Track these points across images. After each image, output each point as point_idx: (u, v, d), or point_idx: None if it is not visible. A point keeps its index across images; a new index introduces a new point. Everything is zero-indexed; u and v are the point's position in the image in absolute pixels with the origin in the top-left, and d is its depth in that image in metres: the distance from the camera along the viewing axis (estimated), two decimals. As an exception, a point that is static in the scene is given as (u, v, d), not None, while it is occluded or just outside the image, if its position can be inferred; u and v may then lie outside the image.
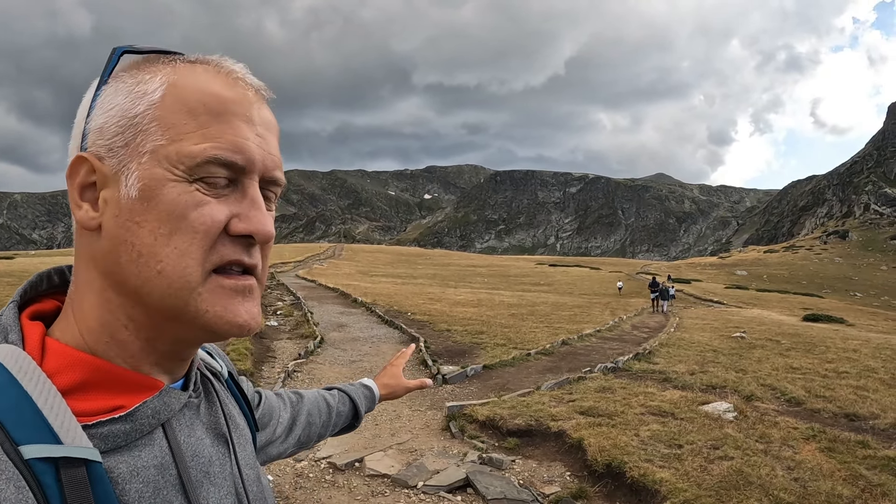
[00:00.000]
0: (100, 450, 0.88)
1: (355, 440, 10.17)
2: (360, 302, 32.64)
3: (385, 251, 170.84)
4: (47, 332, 0.97)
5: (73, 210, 0.97)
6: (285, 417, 1.76)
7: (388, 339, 21.20)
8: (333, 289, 41.68)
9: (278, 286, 42.69)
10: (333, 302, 33.47)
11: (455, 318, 26.76)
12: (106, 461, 0.88)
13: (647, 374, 15.58)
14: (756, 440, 10.20)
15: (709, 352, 20.37)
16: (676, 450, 9.34)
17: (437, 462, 9.20)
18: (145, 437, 0.96)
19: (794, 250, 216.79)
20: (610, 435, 9.76)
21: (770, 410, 12.67)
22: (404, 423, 11.49)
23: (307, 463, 9.16)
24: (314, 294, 37.77)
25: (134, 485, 0.91)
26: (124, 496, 0.89)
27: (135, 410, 0.94)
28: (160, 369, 1.01)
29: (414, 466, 9.01)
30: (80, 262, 1.00)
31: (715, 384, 14.66)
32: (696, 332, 26.89)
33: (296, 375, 15.16)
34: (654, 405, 12.00)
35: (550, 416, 10.99)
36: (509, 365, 16.84)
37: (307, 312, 26.24)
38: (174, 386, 1.05)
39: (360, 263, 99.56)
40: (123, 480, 0.90)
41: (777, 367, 17.91)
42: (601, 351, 20.25)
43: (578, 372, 15.57)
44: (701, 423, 10.84)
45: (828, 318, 47.47)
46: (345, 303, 33.44)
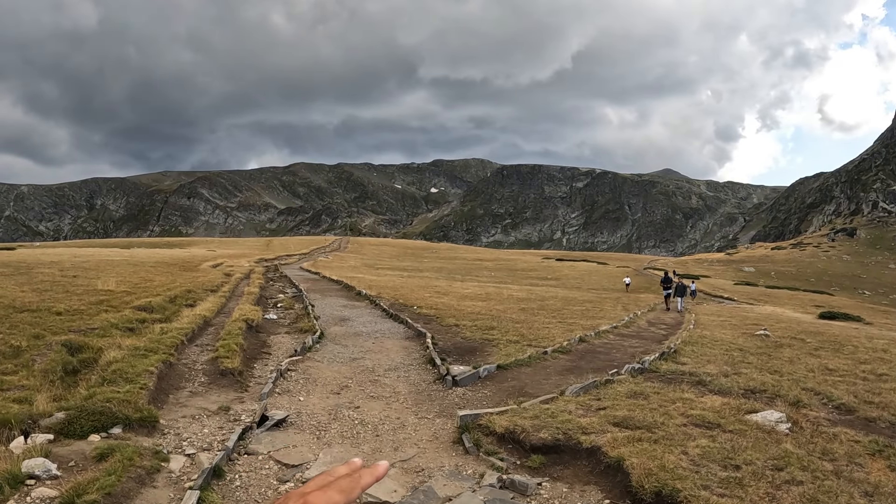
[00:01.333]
0: None
1: (351, 456, 8.81)
2: (365, 295, 31.59)
3: (391, 244, 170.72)
4: None
5: None
6: None
7: (393, 335, 19.94)
8: (337, 281, 40.78)
9: (280, 278, 41.75)
10: (337, 295, 32.53)
11: (463, 313, 25.52)
12: None
13: (679, 376, 14.21)
14: (819, 457, 8.82)
15: (735, 351, 19.17)
16: (734, 472, 7.93)
17: (448, 486, 7.79)
18: None
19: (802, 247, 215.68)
20: (654, 453, 8.32)
21: (822, 419, 11.34)
22: (409, 434, 10.11)
23: (293, 485, 7.81)
24: (317, 287, 36.91)
25: None
26: None
27: None
28: None
29: (421, 492, 7.62)
30: None
31: (754, 388, 13.36)
32: (717, 330, 25.72)
33: (289, 375, 13.87)
34: (695, 414, 10.58)
35: (580, 428, 9.53)
36: (525, 364, 15.46)
37: (308, 305, 25.16)
38: None
39: (365, 256, 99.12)
40: None
41: (812, 369, 16.76)
42: (621, 349, 18.96)
43: (604, 373, 14.18)
44: (755, 437, 9.44)
45: (845, 317, 46.35)
46: (348, 296, 32.46)
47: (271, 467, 8.54)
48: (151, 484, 7.54)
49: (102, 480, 6.99)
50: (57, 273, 32.70)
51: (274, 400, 11.85)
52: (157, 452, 8.35)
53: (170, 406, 11.07)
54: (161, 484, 7.61)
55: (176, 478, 7.82)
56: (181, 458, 8.40)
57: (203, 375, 13.19)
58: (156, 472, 7.82)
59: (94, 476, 7.11)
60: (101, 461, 7.62)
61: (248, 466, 8.53)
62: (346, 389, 13.02)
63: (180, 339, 15.51)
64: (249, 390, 12.53)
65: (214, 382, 12.72)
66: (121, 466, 7.45)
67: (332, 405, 11.76)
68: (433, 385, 13.49)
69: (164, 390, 11.74)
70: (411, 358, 16.38)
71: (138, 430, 9.28)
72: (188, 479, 7.74)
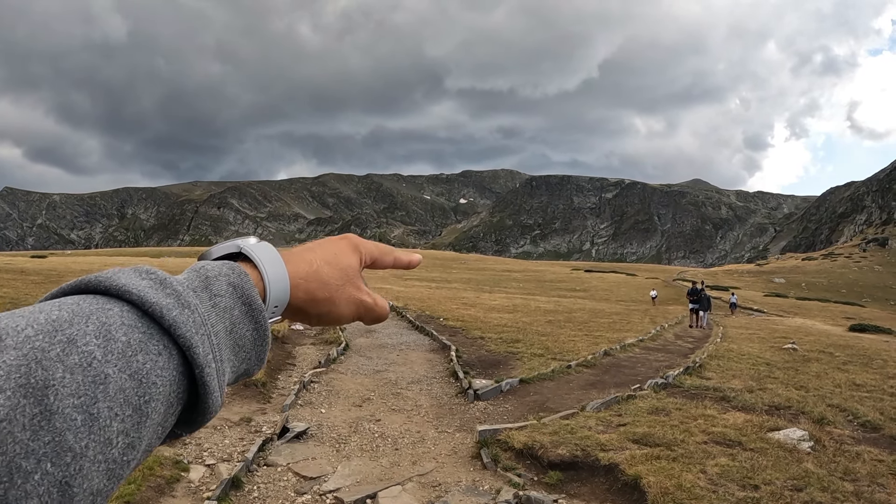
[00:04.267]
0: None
1: (370, 469, 8.82)
2: (392, 306, 31.48)
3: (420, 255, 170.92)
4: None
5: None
6: None
7: (418, 347, 19.92)
8: (364, 292, 40.74)
9: (307, 288, 41.85)
10: (363, 306, 32.44)
11: (489, 325, 25.47)
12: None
13: (703, 392, 14.05)
14: (841, 477, 8.69)
15: (762, 365, 18.93)
16: (752, 492, 7.84)
17: (464, 501, 7.78)
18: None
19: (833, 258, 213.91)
20: (672, 471, 8.25)
21: (846, 437, 11.17)
22: (429, 448, 10.09)
23: (310, 497, 7.82)
24: (343, 297, 36.88)
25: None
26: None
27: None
28: None
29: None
30: None
31: (778, 404, 13.17)
32: (744, 343, 25.46)
33: (312, 387, 13.88)
34: (717, 431, 10.48)
35: (599, 444, 9.48)
36: (548, 378, 15.38)
37: (333, 316, 25.14)
38: None
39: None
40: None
41: (839, 384, 16.51)
42: (646, 363, 18.80)
43: (626, 388, 14.06)
44: (776, 456, 9.32)
45: (875, 329, 45.71)
46: (375, 307, 32.32)
47: (289, 479, 8.57)
48: (170, 493, 7.60)
49: (122, 489, 7.06)
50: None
51: (296, 412, 11.89)
52: (178, 462, 8.42)
53: (192, 417, 11.14)
54: (180, 494, 7.67)
55: (195, 488, 7.87)
56: (201, 469, 8.45)
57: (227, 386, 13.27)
58: (175, 482, 7.88)
59: (114, 485, 7.18)
60: (120, 470, 7.69)
61: (267, 478, 8.56)
62: (368, 402, 13.04)
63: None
64: (272, 401, 12.59)
65: (237, 393, 12.78)
66: (140, 475, 7.52)
67: (353, 417, 11.78)
68: (455, 399, 13.48)
69: (187, 401, 11.82)
70: (435, 371, 16.38)
71: (159, 439, 9.37)
72: (207, 490, 7.78)
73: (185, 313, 0.81)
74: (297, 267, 1.05)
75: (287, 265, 1.03)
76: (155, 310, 0.79)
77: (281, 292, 1.01)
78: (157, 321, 0.79)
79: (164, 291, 0.81)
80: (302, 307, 1.06)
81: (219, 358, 0.85)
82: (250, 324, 0.92)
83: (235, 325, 0.90)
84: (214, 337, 0.85)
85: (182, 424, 0.86)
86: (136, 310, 0.79)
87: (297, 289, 1.04)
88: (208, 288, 0.89)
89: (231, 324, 0.90)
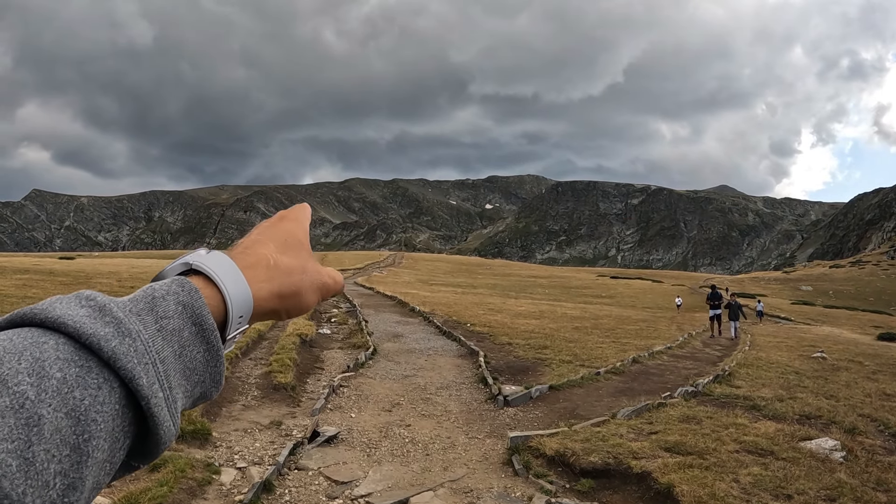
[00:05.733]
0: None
1: (401, 474, 8.84)
2: (418, 311, 31.60)
3: (445, 260, 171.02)
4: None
5: None
6: None
7: (446, 352, 19.92)
8: (391, 297, 40.86)
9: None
10: (390, 310, 32.56)
11: (517, 331, 25.42)
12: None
13: (733, 401, 13.99)
14: (873, 487, 8.63)
15: (791, 374, 18.83)
16: (786, 502, 7.84)
17: (496, 508, 7.75)
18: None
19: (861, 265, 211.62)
20: (705, 480, 8.23)
21: (878, 448, 11.10)
22: (459, 454, 10.10)
23: (342, 501, 7.85)
24: (371, 302, 37.00)
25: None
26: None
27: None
28: None
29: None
30: None
31: (809, 413, 13.10)
32: (773, 352, 25.33)
33: (341, 391, 13.93)
34: (748, 440, 10.43)
35: (631, 452, 9.46)
36: (577, 385, 15.35)
37: (362, 321, 25.27)
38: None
39: (419, 272, 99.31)
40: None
41: (870, 394, 16.44)
42: (675, 370, 18.73)
43: (656, 396, 14.02)
44: (808, 466, 9.27)
45: (904, 338, 45.18)
46: (402, 312, 32.45)
47: (321, 483, 8.60)
48: (202, 496, 7.66)
49: (154, 491, 7.12)
50: (115, 283, 33.34)
51: (325, 416, 11.94)
52: (209, 465, 8.48)
53: (223, 419, 11.21)
54: (212, 496, 7.72)
55: (227, 490, 7.92)
56: (232, 472, 8.51)
57: (256, 389, 13.32)
58: (207, 485, 7.94)
59: (147, 486, 7.25)
60: (153, 471, 7.75)
61: (298, 482, 8.60)
62: (397, 407, 13.07)
63: (234, 353, 15.69)
64: (301, 405, 12.64)
65: (267, 397, 12.85)
66: (173, 477, 7.59)
67: (383, 422, 11.81)
68: (484, 405, 13.48)
69: (218, 403, 11.88)
70: (463, 376, 16.38)
71: (191, 441, 9.44)
72: (238, 493, 7.84)
73: (126, 342, 0.78)
74: (255, 271, 1.00)
75: (245, 270, 0.98)
76: (92, 341, 0.76)
77: (243, 302, 0.96)
78: (95, 353, 0.77)
79: (103, 320, 0.79)
80: (272, 308, 1.02)
81: (166, 386, 0.82)
82: (201, 345, 0.88)
83: (185, 347, 0.86)
84: (161, 364, 0.82)
85: (137, 456, 0.83)
86: (73, 342, 0.76)
87: (261, 291, 0.99)
88: (154, 310, 0.85)
89: (180, 347, 0.86)
